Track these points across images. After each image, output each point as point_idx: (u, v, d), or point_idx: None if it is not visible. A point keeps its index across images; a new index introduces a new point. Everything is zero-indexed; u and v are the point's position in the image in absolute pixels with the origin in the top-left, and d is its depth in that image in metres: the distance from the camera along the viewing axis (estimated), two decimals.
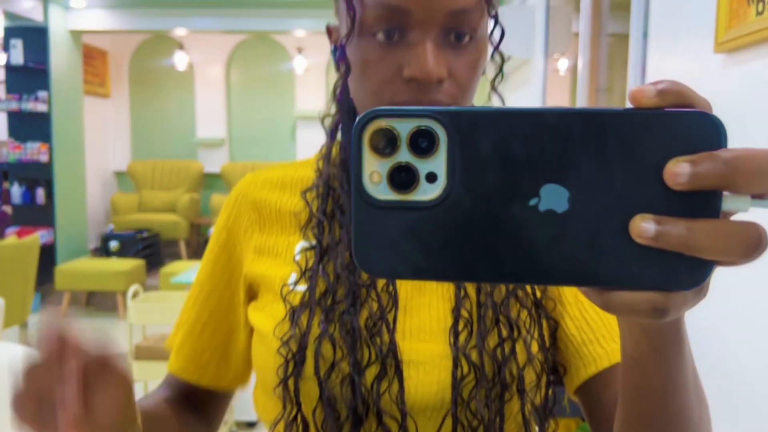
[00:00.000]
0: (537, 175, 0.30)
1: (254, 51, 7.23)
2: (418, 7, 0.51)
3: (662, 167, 0.29)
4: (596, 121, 0.29)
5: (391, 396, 0.54)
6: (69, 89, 5.68)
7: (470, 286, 0.58)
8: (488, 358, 0.55)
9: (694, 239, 0.28)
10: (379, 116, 0.30)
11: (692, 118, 0.29)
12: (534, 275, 0.31)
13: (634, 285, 0.30)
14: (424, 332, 0.57)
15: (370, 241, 0.31)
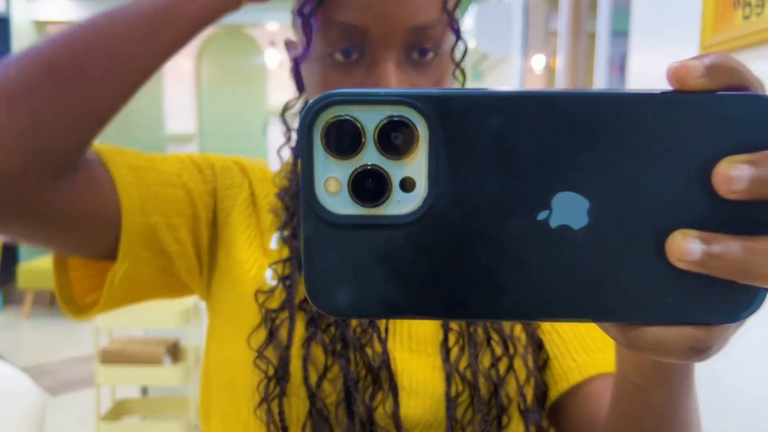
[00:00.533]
0: (548, 180, 0.23)
1: (225, 44, 7.10)
2: (377, 25, 0.48)
3: (710, 169, 0.22)
4: (625, 108, 0.22)
5: (386, 411, 0.49)
6: None
7: None
8: (483, 378, 0.51)
9: (754, 264, 0.22)
10: (336, 102, 0.22)
11: (750, 104, 0.22)
12: (543, 310, 0.24)
13: (670, 320, 0.24)
14: (416, 341, 0.53)
15: (326, 269, 0.24)
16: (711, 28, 1.40)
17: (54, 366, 3.80)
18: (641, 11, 1.87)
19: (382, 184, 0.23)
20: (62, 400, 3.34)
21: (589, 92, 0.23)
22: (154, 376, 2.63)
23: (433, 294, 0.24)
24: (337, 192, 0.23)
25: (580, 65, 2.86)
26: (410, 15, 0.49)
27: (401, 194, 0.23)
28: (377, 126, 0.23)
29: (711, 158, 0.22)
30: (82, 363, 3.91)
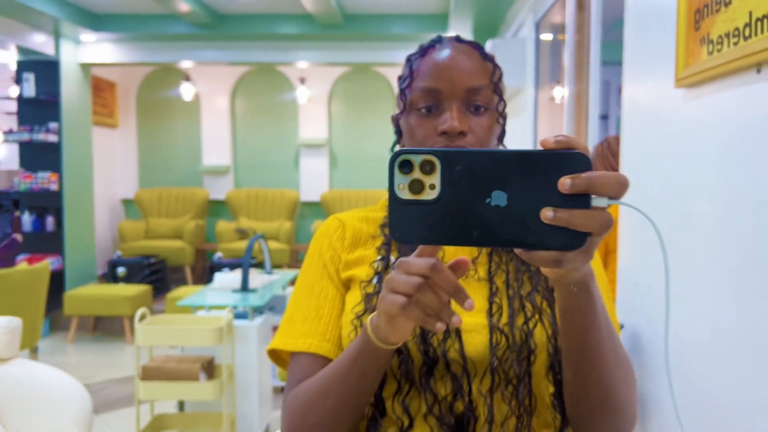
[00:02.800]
0: (489, 185, 0.51)
1: (258, 81, 7.43)
2: (446, 87, 0.78)
3: (556, 181, 0.50)
4: (521, 155, 0.51)
5: (455, 349, 0.75)
6: (79, 120, 5.87)
7: (501, 284, 0.80)
8: (517, 331, 0.75)
9: (574, 220, 0.49)
10: (403, 153, 0.53)
11: (573, 155, 0.50)
12: (489, 242, 0.52)
13: (545, 247, 0.51)
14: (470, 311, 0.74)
15: (399, 222, 0.53)
16: (683, 62, 1.56)
17: (96, 386, 4.02)
18: (631, 45, 2.03)
19: (421, 186, 0.52)
20: (104, 418, 3.54)
21: (505, 150, 0.51)
22: (190, 392, 2.81)
23: (441, 234, 0.52)
24: (403, 189, 0.53)
25: (592, 94, 3.01)
26: (467, 80, 0.78)
27: (429, 191, 0.52)
28: (420, 162, 0.52)
29: (557, 176, 0.50)
30: (123, 384, 4.12)
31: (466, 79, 0.78)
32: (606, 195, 0.49)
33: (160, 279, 6.06)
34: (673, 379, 1.66)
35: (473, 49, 0.82)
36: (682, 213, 1.61)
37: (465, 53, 0.80)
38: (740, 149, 1.33)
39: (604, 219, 0.49)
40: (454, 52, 0.80)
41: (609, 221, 0.49)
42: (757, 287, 1.24)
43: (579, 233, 0.49)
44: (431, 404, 0.75)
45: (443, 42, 0.83)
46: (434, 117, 0.79)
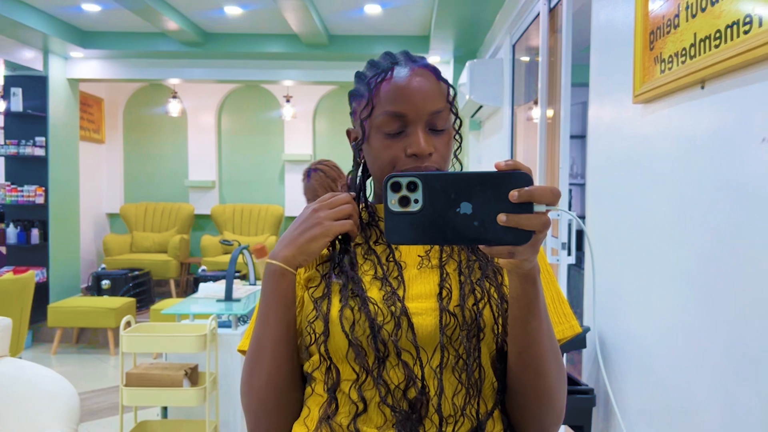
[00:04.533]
0: (458, 199, 0.66)
1: (245, 99, 7.54)
2: (410, 112, 0.86)
3: (507, 193, 0.64)
4: (482, 175, 0.66)
5: (407, 338, 0.82)
6: (65, 135, 5.93)
7: (452, 271, 0.87)
8: (468, 311, 0.83)
9: (521, 222, 0.64)
10: (394, 176, 0.68)
11: (519, 174, 0.65)
12: (460, 241, 0.67)
13: (502, 243, 0.66)
14: (422, 297, 0.85)
15: (392, 228, 0.68)
16: (640, 80, 1.69)
17: (80, 396, 4.04)
18: (596, 66, 2.16)
19: (407, 201, 0.68)
20: (87, 426, 3.57)
21: (469, 172, 0.66)
22: (173, 398, 2.86)
23: (424, 236, 0.67)
24: (394, 203, 0.68)
25: (564, 115, 3.14)
26: (430, 104, 0.86)
27: (414, 204, 0.67)
28: (406, 182, 0.68)
29: (509, 190, 0.65)
30: (106, 394, 4.15)
31: (429, 104, 0.85)
32: (543, 202, 0.65)
33: (144, 292, 6.09)
34: (632, 376, 1.77)
35: (429, 72, 0.88)
36: (642, 219, 1.72)
37: (424, 76, 0.86)
38: (688, 159, 1.45)
39: (543, 220, 0.65)
40: (415, 76, 0.86)
41: (546, 222, 0.65)
42: (708, 286, 1.35)
43: (526, 232, 0.65)
44: (384, 395, 0.80)
45: (400, 63, 0.88)
46: (400, 139, 0.86)
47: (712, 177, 1.32)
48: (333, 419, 0.83)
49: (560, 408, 0.84)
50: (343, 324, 0.82)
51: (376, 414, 0.81)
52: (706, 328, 1.34)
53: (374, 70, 0.90)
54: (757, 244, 1.15)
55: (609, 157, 2.03)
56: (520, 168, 0.65)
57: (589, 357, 2.10)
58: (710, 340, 1.32)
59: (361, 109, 0.89)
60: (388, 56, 0.92)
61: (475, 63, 4.14)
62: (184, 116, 7.47)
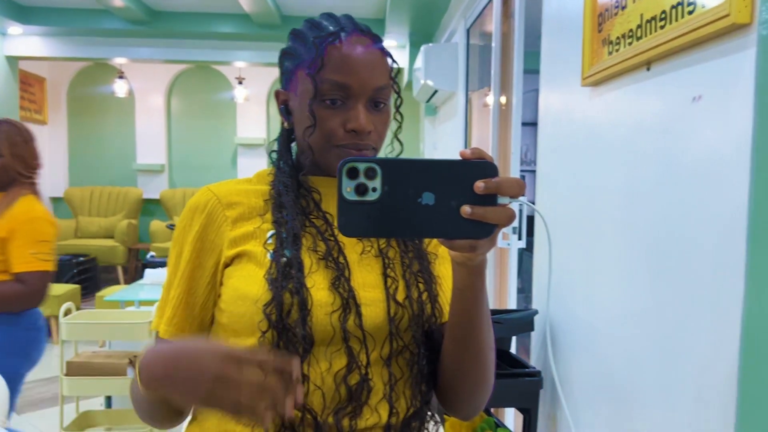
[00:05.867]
0: (420, 188, 0.61)
1: (195, 80, 7.35)
2: (356, 84, 0.81)
3: (472, 184, 0.60)
4: (446, 163, 0.61)
5: (355, 323, 0.80)
6: (4, 115, 5.63)
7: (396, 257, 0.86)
8: (415, 303, 0.83)
9: (486, 215, 0.61)
10: (350, 161, 0.61)
11: (485, 164, 0.61)
12: (421, 234, 0.64)
13: (463, 236, 0.62)
14: (368, 285, 0.83)
15: (346, 219, 0.61)
16: (588, 62, 1.68)
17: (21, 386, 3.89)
18: (546, 51, 2.16)
19: (365, 189, 0.61)
20: (29, 417, 3.44)
21: (431, 159, 0.62)
22: (117, 387, 2.77)
23: (381, 228, 0.62)
24: (350, 191, 0.61)
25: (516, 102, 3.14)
26: (376, 79, 0.82)
27: (372, 193, 0.61)
28: (364, 169, 0.61)
29: (473, 180, 0.60)
30: (49, 383, 4.00)
31: (375, 79, 0.82)
32: (509, 195, 0.61)
33: (90, 278, 5.90)
34: (579, 359, 1.78)
35: (376, 44, 0.84)
36: (591, 204, 1.73)
37: (371, 48, 0.83)
38: (636, 142, 1.45)
39: (508, 213, 0.62)
40: (363, 46, 0.82)
41: (512, 215, 0.61)
42: (654, 272, 1.36)
43: (489, 225, 0.62)
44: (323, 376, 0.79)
45: (346, 29, 0.83)
46: (341, 111, 0.82)
47: (659, 160, 1.33)
48: None
49: (491, 386, 0.85)
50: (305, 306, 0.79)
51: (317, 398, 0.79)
52: (651, 314, 1.35)
53: (316, 31, 0.84)
54: (702, 228, 1.16)
55: (559, 142, 2.03)
56: (485, 157, 0.62)
57: (537, 340, 2.11)
58: (654, 326, 1.33)
59: (306, 67, 0.82)
60: (332, 18, 0.86)
61: (430, 47, 4.11)
62: (131, 97, 7.24)
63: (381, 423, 0.80)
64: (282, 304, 0.77)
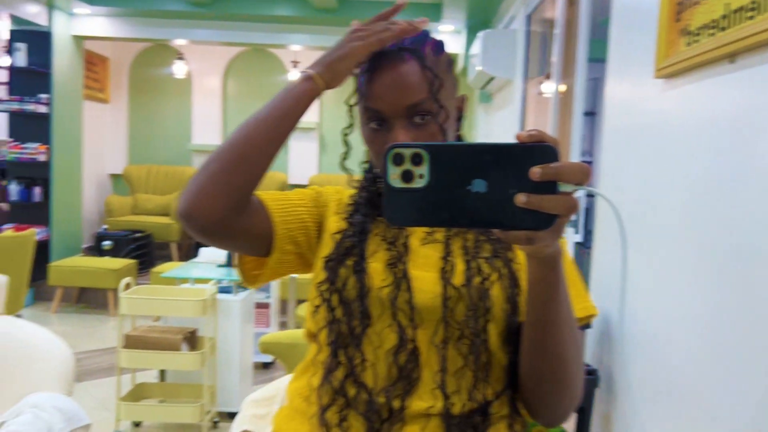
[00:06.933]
0: (471, 175, 0.57)
1: (251, 63, 7.43)
2: (387, 107, 0.83)
3: (528, 170, 0.55)
4: (499, 147, 0.57)
5: (404, 299, 0.82)
6: (70, 93, 5.85)
7: (457, 249, 0.85)
8: (474, 290, 0.82)
9: (543, 204, 0.56)
10: (396, 147, 0.59)
11: (543, 147, 0.56)
12: (471, 224, 0.59)
13: (519, 228, 0.57)
14: (426, 266, 0.85)
15: (392, 207, 0.59)
16: (663, 53, 1.61)
17: (78, 356, 4.05)
18: (615, 41, 2.09)
19: (411, 176, 0.58)
20: (85, 386, 3.58)
21: (485, 143, 0.57)
22: (171, 361, 2.85)
23: (429, 217, 0.58)
24: (396, 178, 0.58)
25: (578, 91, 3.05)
26: (407, 97, 0.82)
27: (418, 180, 0.58)
28: (410, 154, 0.58)
29: (530, 165, 0.55)
30: (104, 354, 4.16)
31: (406, 97, 0.81)
32: (571, 182, 0.56)
33: (145, 254, 6.08)
34: (638, 358, 1.73)
35: (413, 60, 0.83)
36: (657, 201, 1.67)
37: (403, 69, 0.82)
38: (712, 138, 1.38)
39: (570, 203, 0.56)
40: (393, 70, 0.83)
41: (573, 204, 0.56)
42: (723, 274, 1.31)
43: (548, 215, 0.56)
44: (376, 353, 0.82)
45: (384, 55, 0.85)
46: (384, 132, 0.84)
47: (737, 158, 1.26)
48: (333, 375, 0.84)
49: (577, 395, 0.79)
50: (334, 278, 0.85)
51: (369, 375, 0.82)
52: (718, 316, 1.30)
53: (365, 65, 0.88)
54: None
55: (625, 134, 1.96)
56: (546, 140, 0.56)
57: (593, 338, 2.06)
58: (721, 328, 1.28)
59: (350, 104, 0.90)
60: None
61: (488, 33, 4.04)
62: (189, 78, 7.37)
63: (435, 410, 0.79)
64: (335, 282, 0.84)
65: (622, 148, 1.98)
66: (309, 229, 0.92)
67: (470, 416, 0.80)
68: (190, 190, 0.80)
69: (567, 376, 0.76)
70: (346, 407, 0.82)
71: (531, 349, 0.76)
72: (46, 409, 1.57)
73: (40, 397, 1.63)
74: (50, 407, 1.59)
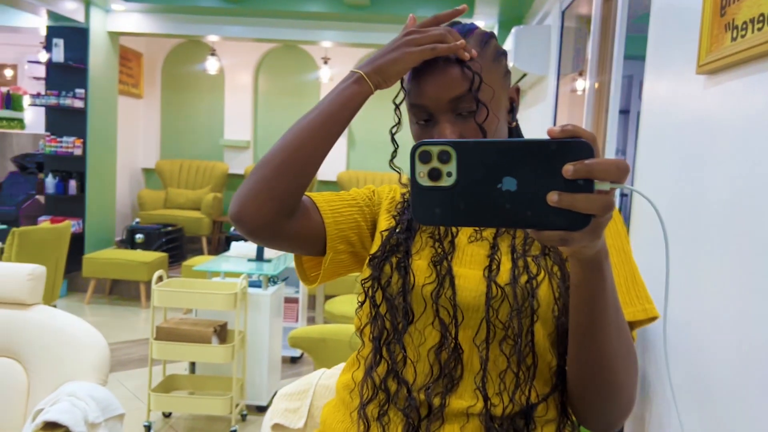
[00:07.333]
0: (500, 172, 0.55)
1: (282, 59, 7.47)
2: (430, 102, 0.82)
3: (562, 167, 0.53)
4: (529, 144, 0.54)
5: (446, 297, 0.81)
6: (105, 88, 5.95)
7: (504, 247, 0.83)
8: (520, 289, 0.79)
9: (576, 203, 0.53)
10: (423, 144, 0.57)
11: (576, 143, 0.53)
12: (501, 223, 0.56)
13: (552, 227, 0.55)
14: (471, 264, 0.84)
15: (420, 205, 0.57)
16: (706, 48, 1.57)
17: (110, 347, 4.12)
18: (655, 36, 2.04)
19: (439, 174, 0.56)
20: (117, 376, 3.64)
21: (514, 139, 0.55)
22: (202, 354, 2.88)
23: (457, 216, 0.56)
24: (424, 177, 0.56)
25: (614, 88, 2.99)
26: (449, 91, 0.81)
27: (446, 178, 0.56)
28: (437, 152, 0.56)
29: (562, 163, 0.53)
30: (136, 345, 4.22)
31: (448, 91, 0.81)
32: (607, 180, 0.52)
33: (176, 247, 6.16)
34: (677, 362, 1.69)
35: (453, 61, 0.83)
36: (696, 203, 1.63)
37: (443, 66, 0.83)
38: (756, 137, 1.34)
39: (605, 202, 0.53)
40: (435, 65, 0.83)
41: (609, 204, 0.53)
42: (764, 280, 1.27)
43: (583, 215, 0.53)
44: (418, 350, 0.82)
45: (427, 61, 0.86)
46: (430, 129, 0.84)
47: None
48: (375, 370, 0.84)
49: (627, 402, 0.75)
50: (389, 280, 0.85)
51: (410, 372, 0.82)
52: (759, 320, 1.26)
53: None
54: None
55: (664, 132, 1.92)
56: (581, 135, 0.53)
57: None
58: (762, 333, 1.24)
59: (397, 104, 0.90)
60: None
61: (521, 29, 3.99)
62: (221, 74, 7.45)
63: (476, 410, 0.78)
64: (379, 279, 0.84)
65: (660, 147, 1.94)
66: (362, 228, 0.93)
67: (512, 418, 0.78)
68: (241, 194, 0.82)
69: (614, 383, 0.73)
70: (386, 403, 0.82)
71: (575, 353, 0.73)
72: (83, 397, 1.60)
73: (77, 386, 1.65)
74: (86, 396, 1.62)
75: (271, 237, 0.84)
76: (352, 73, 0.85)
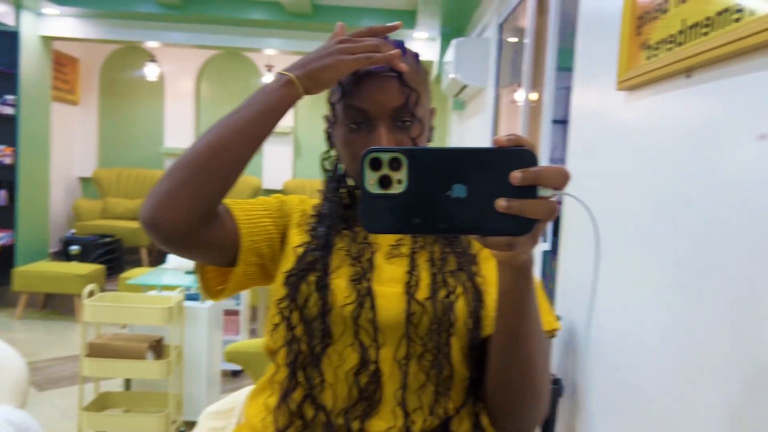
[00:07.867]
0: (450, 180, 0.56)
1: (225, 66, 7.37)
2: (372, 107, 0.82)
3: (509, 174, 0.55)
4: (479, 152, 0.56)
5: (367, 318, 0.80)
6: (37, 94, 5.73)
7: (422, 262, 0.84)
8: (439, 303, 0.80)
9: (525, 209, 0.55)
10: (373, 151, 0.57)
11: (522, 151, 0.56)
12: (451, 230, 0.57)
13: (500, 233, 0.57)
14: (391, 282, 0.83)
15: (369, 213, 0.57)
16: (625, 66, 1.63)
17: (42, 364, 3.96)
18: (582, 51, 2.10)
19: (389, 181, 0.56)
20: (49, 395, 3.50)
21: (462, 147, 0.56)
22: (136, 370, 2.80)
23: (408, 223, 0.56)
24: (373, 184, 0.56)
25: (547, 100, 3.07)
26: (391, 101, 0.82)
27: (396, 185, 0.56)
28: (388, 159, 0.56)
29: (509, 170, 0.55)
30: (70, 362, 4.07)
31: (392, 100, 0.81)
32: (551, 186, 0.55)
33: (114, 259, 5.98)
34: (605, 370, 1.74)
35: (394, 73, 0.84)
36: (620, 211, 1.68)
37: (387, 76, 0.83)
38: (672, 151, 1.40)
39: (550, 207, 0.56)
40: (377, 75, 0.83)
41: (553, 209, 0.56)
42: (685, 285, 1.32)
43: (528, 220, 0.56)
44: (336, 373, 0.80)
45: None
46: (364, 133, 0.83)
47: (697, 171, 1.28)
48: (290, 396, 0.82)
49: (543, 406, 0.78)
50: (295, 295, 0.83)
51: (328, 396, 0.80)
52: (681, 327, 1.31)
53: None
54: (740, 245, 1.11)
55: (590, 144, 1.98)
56: (524, 144, 0.56)
57: (558, 347, 2.07)
58: (683, 341, 1.29)
59: (331, 101, 0.88)
60: None
61: (462, 41, 4.05)
62: (161, 81, 7.29)
63: (395, 430, 0.78)
64: (296, 299, 0.82)
65: (587, 158, 2.00)
66: (274, 241, 0.90)
67: None
68: (156, 197, 0.76)
69: (535, 387, 0.75)
70: (303, 429, 0.80)
71: (501, 359, 0.75)
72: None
73: None
74: (3, 420, 1.54)
75: (187, 245, 0.79)
76: (281, 76, 0.81)
